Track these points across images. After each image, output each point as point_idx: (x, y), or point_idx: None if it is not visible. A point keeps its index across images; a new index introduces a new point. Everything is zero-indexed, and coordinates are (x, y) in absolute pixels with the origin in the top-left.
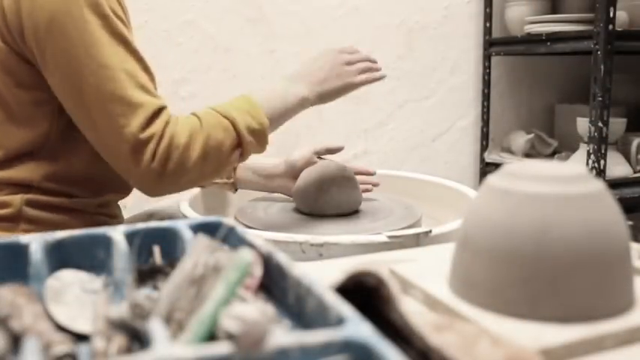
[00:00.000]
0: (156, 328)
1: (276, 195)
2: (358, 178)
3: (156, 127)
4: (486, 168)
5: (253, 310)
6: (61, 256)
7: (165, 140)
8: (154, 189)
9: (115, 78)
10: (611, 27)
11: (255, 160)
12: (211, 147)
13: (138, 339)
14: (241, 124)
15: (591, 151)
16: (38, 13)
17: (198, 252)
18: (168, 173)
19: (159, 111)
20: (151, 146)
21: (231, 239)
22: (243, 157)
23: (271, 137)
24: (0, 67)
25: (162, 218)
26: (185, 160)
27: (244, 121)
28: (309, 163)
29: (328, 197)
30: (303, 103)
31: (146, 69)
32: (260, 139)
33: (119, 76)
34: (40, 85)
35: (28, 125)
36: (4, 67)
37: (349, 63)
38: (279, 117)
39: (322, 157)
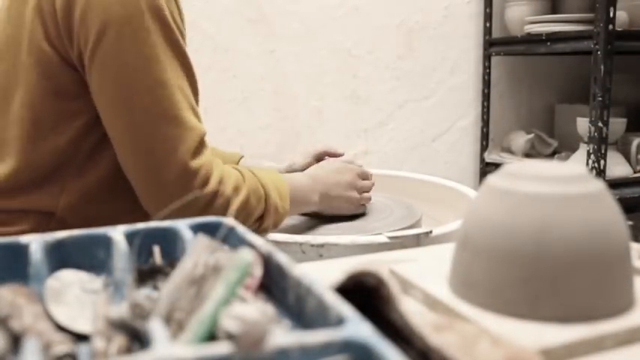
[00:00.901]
0: (156, 328)
1: None
2: None
3: (204, 158)
4: (486, 168)
5: (253, 310)
6: (61, 256)
7: (215, 177)
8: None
9: (171, 97)
10: (611, 27)
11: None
12: (246, 210)
13: (138, 339)
14: (272, 201)
15: (591, 151)
16: (93, 15)
17: (198, 252)
18: (205, 211)
19: (204, 138)
20: (199, 179)
21: (231, 239)
22: (255, 231)
23: (271, 137)
24: (40, 71)
25: None
26: (224, 211)
27: (274, 200)
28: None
29: None
30: (310, 207)
31: (195, 89)
32: (277, 222)
33: (175, 96)
34: (80, 95)
35: (57, 140)
36: (45, 71)
37: (360, 190)
38: (292, 211)
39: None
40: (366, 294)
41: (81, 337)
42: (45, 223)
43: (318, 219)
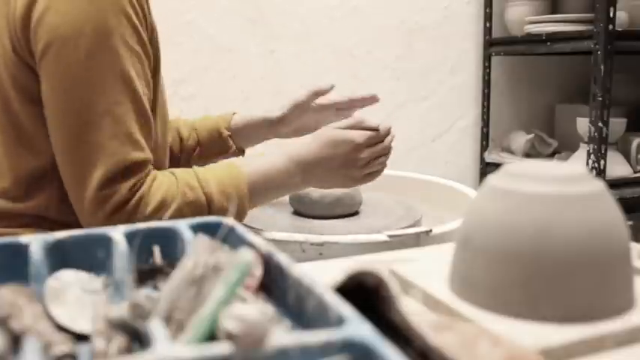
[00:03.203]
0: (156, 328)
1: None
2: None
3: (123, 185)
4: (486, 168)
5: (253, 310)
6: (61, 256)
7: (130, 206)
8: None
9: (95, 123)
10: (611, 27)
11: (249, 117)
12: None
13: (138, 339)
14: (216, 209)
15: (591, 151)
16: (42, 31)
17: (198, 252)
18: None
19: (133, 166)
20: (110, 206)
21: (231, 239)
22: None
23: None
24: (12, 82)
25: None
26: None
27: (221, 207)
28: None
29: (328, 198)
30: (294, 190)
31: (142, 116)
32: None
33: (101, 122)
34: None
35: (39, 145)
36: (15, 80)
37: (363, 163)
38: (264, 199)
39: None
40: (366, 294)
41: (81, 337)
42: (38, 222)
43: (318, 218)
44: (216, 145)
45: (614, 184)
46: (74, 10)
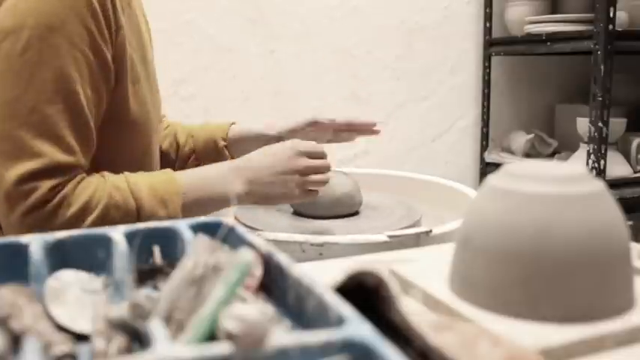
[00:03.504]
0: (156, 328)
1: None
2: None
3: (42, 184)
4: (486, 168)
5: (253, 310)
6: (61, 256)
7: (50, 206)
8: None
9: (23, 117)
10: (611, 27)
11: (247, 129)
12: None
13: (138, 339)
14: (147, 213)
15: (591, 151)
16: None
17: (198, 252)
18: (36, 228)
19: (59, 168)
20: (28, 203)
21: (231, 239)
22: None
23: None
24: None
25: None
26: (63, 228)
27: (152, 211)
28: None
29: (327, 198)
30: (236, 201)
31: (78, 119)
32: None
33: (29, 118)
34: None
35: None
36: None
37: (304, 172)
38: (201, 207)
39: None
40: (366, 294)
41: (81, 337)
42: None
43: (318, 218)
44: (212, 154)
45: (614, 184)
46: (23, 3)
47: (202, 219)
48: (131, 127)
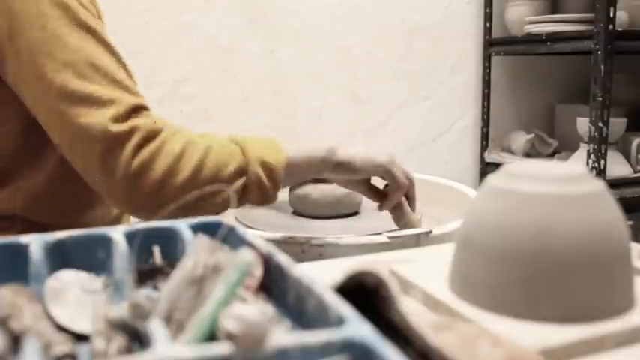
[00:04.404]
0: (156, 328)
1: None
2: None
3: (137, 121)
4: (486, 168)
5: (253, 310)
6: (61, 256)
7: (157, 140)
8: (127, 198)
9: (81, 74)
10: (611, 27)
11: None
12: (209, 165)
13: (138, 339)
14: (252, 153)
15: (591, 151)
16: (1, 19)
17: (198, 252)
18: (150, 182)
19: (138, 108)
20: (133, 142)
21: (231, 239)
22: (244, 194)
23: (271, 136)
24: None
25: None
26: (175, 171)
27: (256, 151)
28: None
29: (327, 198)
30: (332, 152)
31: (122, 64)
32: (272, 176)
33: (86, 72)
34: (5, 102)
35: (2, 148)
36: None
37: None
38: (301, 165)
39: None
40: (366, 294)
41: (81, 337)
42: (9, 225)
43: (318, 218)
44: None
45: (614, 184)
46: None
47: (202, 219)
48: None
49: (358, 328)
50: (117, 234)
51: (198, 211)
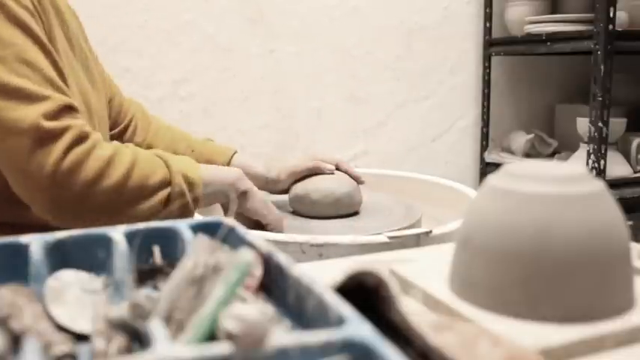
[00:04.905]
0: (156, 328)
1: (275, 195)
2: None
3: (71, 121)
4: (486, 168)
5: (253, 310)
6: (61, 256)
7: (87, 143)
8: (51, 199)
9: (13, 70)
10: (611, 27)
11: (248, 165)
12: (137, 173)
13: (138, 339)
14: (174, 165)
15: (591, 151)
16: None
17: (198, 252)
18: (78, 183)
19: (69, 108)
20: (65, 140)
21: (231, 239)
22: (167, 205)
23: (271, 136)
24: None
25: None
26: (104, 175)
27: (178, 167)
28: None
29: (327, 198)
30: (240, 179)
31: (53, 61)
32: (193, 190)
33: (18, 69)
34: None
35: None
36: None
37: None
38: (214, 184)
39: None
40: (366, 294)
41: (81, 337)
42: None
43: (318, 218)
44: None
45: (614, 184)
46: None
47: (203, 219)
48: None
49: (358, 328)
50: (117, 234)
51: (122, 219)
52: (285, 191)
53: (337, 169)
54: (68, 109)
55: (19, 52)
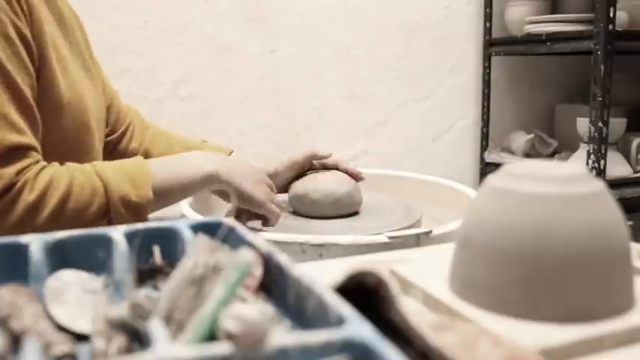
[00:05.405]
0: (156, 328)
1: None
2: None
3: (3, 170)
4: (486, 168)
5: (253, 310)
6: (61, 256)
7: (13, 191)
8: None
9: None
10: (611, 27)
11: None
12: (68, 209)
13: (138, 339)
14: (115, 191)
15: (591, 151)
16: None
17: (198, 252)
18: (5, 227)
19: (15, 150)
20: None
21: (231, 239)
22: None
23: (271, 137)
24: None
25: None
26: (31, 219)
27: (120, 189)
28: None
29: (327, 198)
30: (208, 181)
31: (17, 98)
32: (137, 213)
33: None
34: None
35: None
36: None
37: (271, 190)
38: (174, 190)
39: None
40: (366, 294)
41: (81, 337)
42: None
43: (318, 218)
44: None
45: (614, 184)
46: None
47: (203, 219)
48: (65, 112)
49: (358, 328)
50: (117, 234)
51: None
52: (285, 188)
53: (336, 168)
54: (8, 154)
55: None
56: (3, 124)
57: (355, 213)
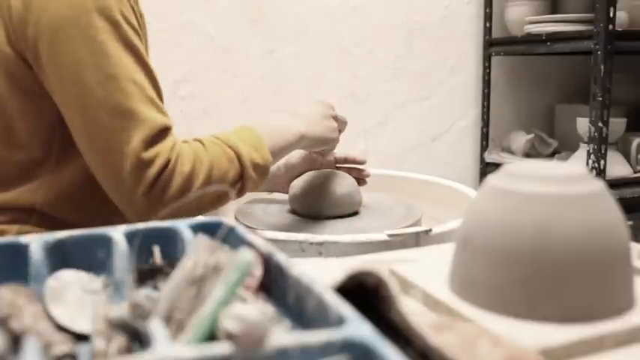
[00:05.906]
0: (156, 328)
1: (275, 195)
2: (350, 173)
3: (161, 146)
4: (486, 168)
5: (253, 310)
6: (61, 256)
7: (171, 165)
8: (147, 214)
9: (123, 90)
10: (611, 27)
11: None
12: (215, 177)
13: (138, 339)
14: (246, 157)
15: (591, 151)
16: (45, 22)
17: (198, 252)
18: (166, 200)
19: (165, 130)
20: (155, 168)
21: (231, 239)
22: (241, 192)
23: None
24: (5, 72)
25: None
26: (187, 189)
27: (249, 155)
28: (307, 164)
29: (327, 198)
30: (301, 141)
31: (155, 83)
32: (262, 175)
33: (127, 89)
34: (44, 94)
35: (29, 139)
36: (8, 73)
37: (335, 119)
38: (279, 152)
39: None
40: (366, 294)
41: (81, 337)
42: (25, 218)
43: (318, 218)
44: None
45: (614, 184)
46: None
47: (202, 219)
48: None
49: (358, 328)
50: (117, 234)
51: (201, 210)
52: (286, 187)
53: (345, 161)
54: (162, 133)
55: (129, 73)
56: (152, 107)
57: (355, 213)
